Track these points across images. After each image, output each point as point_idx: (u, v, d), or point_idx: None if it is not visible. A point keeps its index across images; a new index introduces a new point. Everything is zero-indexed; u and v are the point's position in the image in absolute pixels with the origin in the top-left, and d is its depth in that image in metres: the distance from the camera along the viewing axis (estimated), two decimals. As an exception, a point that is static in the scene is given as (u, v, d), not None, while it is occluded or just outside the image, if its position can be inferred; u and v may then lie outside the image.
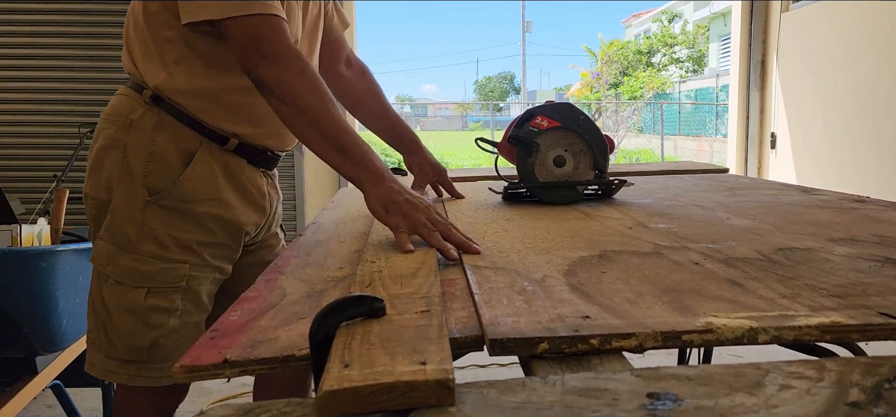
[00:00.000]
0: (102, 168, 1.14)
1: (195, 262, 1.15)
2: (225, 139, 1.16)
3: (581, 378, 0.40)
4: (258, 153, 1.22)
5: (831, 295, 0.59)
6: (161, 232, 1.12)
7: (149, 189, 1.11)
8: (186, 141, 1.13)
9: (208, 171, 1.15)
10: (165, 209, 1.12)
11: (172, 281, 1.14)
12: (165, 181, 1.12)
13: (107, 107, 1.18)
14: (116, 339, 1.14)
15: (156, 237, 1.12)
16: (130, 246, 1.12)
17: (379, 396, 0.37)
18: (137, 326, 1.12)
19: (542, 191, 1.28)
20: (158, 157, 1.11)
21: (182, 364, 0.49)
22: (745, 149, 4.25)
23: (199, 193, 1.14)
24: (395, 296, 0.61)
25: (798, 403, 0.36)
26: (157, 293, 1.13)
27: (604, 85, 19.70)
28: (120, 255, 1.12)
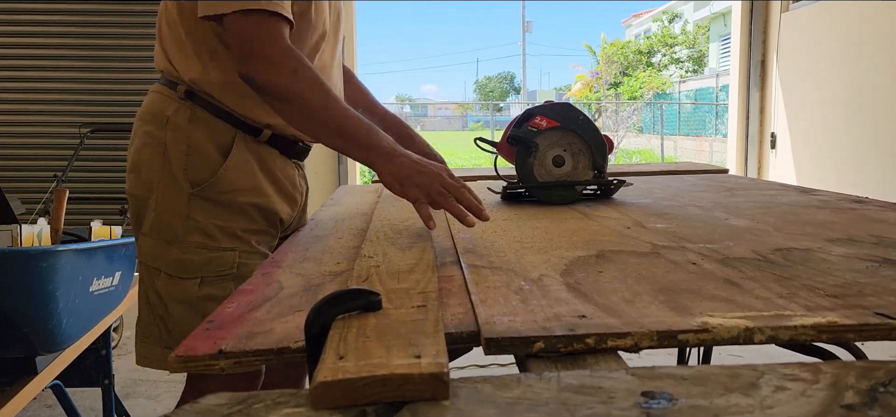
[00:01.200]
0: (142, 166, 1.16)
1: (243, 249, 1.17)
2: (258, 130, 1.18)
3: (576, 376, 0.40)
4: (290, 144, 1.24)
5: (828, 295, 0.59)
6: (206, 222, 1.14)
7: (191, 182, 1.13)
8: (221, 133, 1.15)
9: (245, 162, 1.17)
10: (209, 200, 1.14)
11: (224, 269, 1.15)
12: (206, 173, 1.14)
13: (141, 108, 1.20)
14: (174, 329, 1.15)
15: (202, 228, 1.14)
16: (178, 239, 1.14)
17: (373, 388, 0.37)
18: (194, 316, 1.13)
19: (540, 191, 1.28)
20: (197, 151, 1.14)
21: (177, 355, 0.49)
22: (744, 149, 4.25)
23: (238, 183, 1.16)
24: (391, 291, 0.61)
25: (793, 404, 0.36)
26: (210, 282, 1.15)
27: (604, 85, 19.70)
28: (169, 249, 1.14)
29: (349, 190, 1.78)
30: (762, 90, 4.14)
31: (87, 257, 1.69)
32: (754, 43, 4.12)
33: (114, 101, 3.92)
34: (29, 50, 3.87)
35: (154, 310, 1.18)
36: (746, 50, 4.16)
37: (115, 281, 1.78)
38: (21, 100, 3.94)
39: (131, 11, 3.86)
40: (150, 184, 1.15)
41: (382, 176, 1.03)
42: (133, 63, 3.92)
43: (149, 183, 1.16)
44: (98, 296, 1.73)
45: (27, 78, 3.90)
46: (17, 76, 3.90)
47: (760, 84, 4.13)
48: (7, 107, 3.92)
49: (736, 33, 4.22)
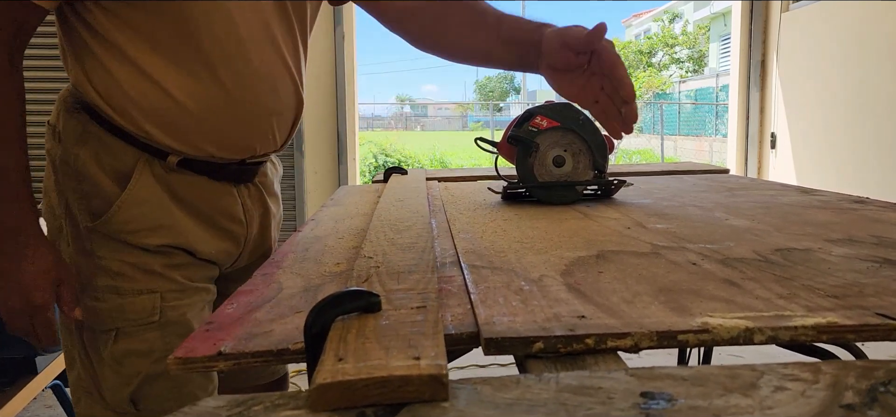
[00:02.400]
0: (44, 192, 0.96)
1: (169, 289, 0.94)
2: (164, 153, 0.92)
3: (576, 377, 0.40)
4: (219, 166, 0.97)
5: (828, 296, 0.59)
6: (113, 260, 0.91)
7: (89, 213, 0.91)
8: (119, 157, 0.91)
9: (151, 194, 0.92)
10: (108, 237, 0.91)
11: (142, 317, 0.92)
12: (102, 204, 0.91)
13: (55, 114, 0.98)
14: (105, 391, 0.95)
15: (109, 268, 0.91)
16: (87, 282, 0.92)
17: (372, 390, 0.37)
18: (115, 376, 0.92)
19: (541, 191, 1.28)
20: (86, 178, 0.90)
21: (176, 357, 0.49)
22: (745, 149, 4.25)
23: (141, 221, 0.92)
24: (391, 292, 0.61)
25: (793, 405, 0.36)
26: (127, 335, 0.92)
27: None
28: (82, 295, 0.92)
29: (349, 190, 1.78)
30: (762, 90, 4.14)
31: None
32: (754, 43, 4.12)
33: (114, 101, 3.91)
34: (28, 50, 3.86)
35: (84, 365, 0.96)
36: (746, 50, 4.16)
37: (114, 281, 1.78)
38: (21, 100, 3.93)
39: (131, 11, 3.85)
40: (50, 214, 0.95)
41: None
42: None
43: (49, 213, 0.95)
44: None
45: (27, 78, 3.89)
46: (17, 76, 3.89)
47: (760, 84, 4.13)
48: (7, 108, 3.91)
49: (736, 33, 4.22)
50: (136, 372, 0.92)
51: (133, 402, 0.94)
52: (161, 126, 0.90)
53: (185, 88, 0.89)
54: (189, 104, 0.90)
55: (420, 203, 1.27)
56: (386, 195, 1.42)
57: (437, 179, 1.82)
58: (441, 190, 1.59)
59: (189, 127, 0.91)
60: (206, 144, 0.94)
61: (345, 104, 3.95)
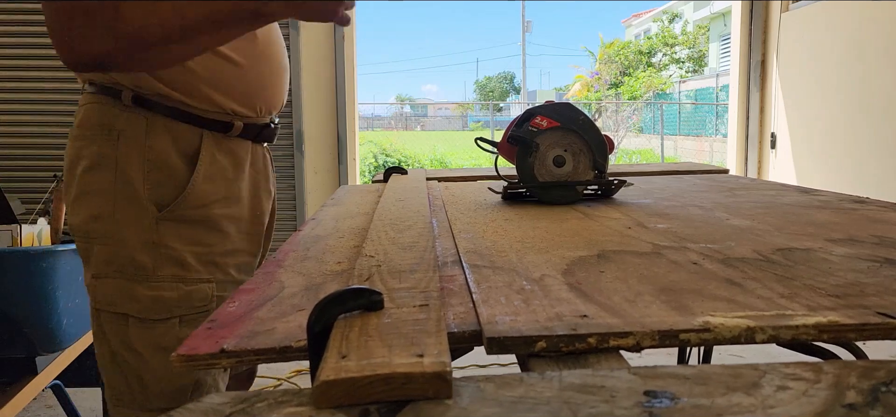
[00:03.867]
0: (92, 193, 0.98)
1: (221, 279, 1.03)
2: (228, 124, 1.03)
3: (579, 375, 0.40)
4: (261, 128, 1.10)
5: (829, 295, 0.59)
6: (181, 249, 0.99)
7: (157, 204, 0.98)
8: (186, 139, 0.99)
9: (217, 167, 1.03)
10: (180, 222, 0.99)
11: (201, 305, 1.00)
12: (174, 189, 0.98)
13: (77, 122, 1.02)
14: (155, 385, 0.99)
15: (176, 257, 0.98)
16: (147, 274, 0.97)
17: (376, 387, 0.37)
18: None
19: (541, 191, 1.28)
20: (159, 165, 0.98)
21: (178, 354, 0.49)
22: (745, 150, 4.25)
23: (211, 194, 1.02)
24: (393, 290, 0.61)
25: (795, 404, 0.36)
26: (189, 321, 0.99)
27: (604, 85, 19.71)
28: (136, 288, 0.97)
29: (350, 189, 1.78)
30: (762, 90, 4.14)
31: (87, 257, 1.69)
32: (754, 43, 4.13)
33: (114, 101, 3.91)
34: (29, 50, 3.87)
35: (122, 368, 1.00)
36: (746, 50, 4.17)
37: (115, 280, 1.78)
38: (21, 100, 3.94)
39: (131, 11, 3.85)
40: (103, 213, 0.97)
41: (281, 11, 0.84)
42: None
43: (101, 212, 0.98)
44: (98, 296, 1.73)
45: (27, 78, 3.90)
46: (17, 76, 3.90)
47: (760, 84, 4.14)
48: (7, 107, 3.92)
49: (736, 33, 4.22)
50: None
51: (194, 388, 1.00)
52: (225, 90, 1.02)
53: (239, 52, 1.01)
54: (244, 64, 1.03)
55: (421, 202, 1.27)
56: (386, 195, 1.43)
57: (437, 179, 1.82)
58: (441, 190, 1.59)
59: (245, 85, 1.04)
60: (256, 100, 1.07)
61: (345, 104, 3.95)
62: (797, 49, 3.85)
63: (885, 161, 3.21)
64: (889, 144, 3.18)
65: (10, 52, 3.86)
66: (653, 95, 17.45)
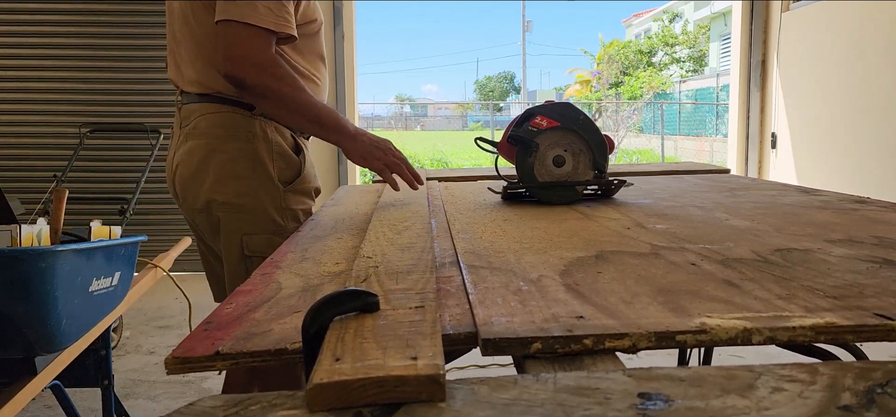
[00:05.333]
0: (237, 176, 1.37)
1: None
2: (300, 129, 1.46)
3: (573, 377, 0.40)
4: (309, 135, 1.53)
5: (827, 296, 0.59)
6: (296, 208, 1.42)
7: (283, 181, 1.40)
8: (288, 137, 1.42)
9: (308, 157, 1.47)
10: (295, 192, 1.42)
11: None
12: (292, 171, 1.41)
13: (217, 124, 1.38)
14: None
15: (294, 214, 1.41)
16: (280, 228, 1.38)
17: (369, 390, 0.37)
18: None
19: (541, 191, 1.28)
20: (281, 156, 1.40)
21: (174, 356, 0.49)
22: (745, 149, 4.25)
23: (310, 173, 1.46)
24: (389, 292, 0.61)
25: (790, 406, 0.36)
26: None
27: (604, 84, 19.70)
28: (275, 239, 1.34)
29: (349, 190, 1.77)
30: (762, 90, 4.14)
31: (86, 257, 1.69)
32: (754, 43, 4.12)
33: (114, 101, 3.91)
34: (29, 50, 3.86)
35: None
36: (747, 50, 4.16)
37: (114, 281, 1.78)
38: (21, 100, 3.94)
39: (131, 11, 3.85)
40: (247, 190, 1.36)
41: (349, 153, 1.35)
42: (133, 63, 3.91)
43: (246, 190, 1.36)
44: (97, 297, 1.73)
45: (27, 78, 3.89)
46: (17, 76, 3.90)
47: (761, 84, 4.13)
48: (7, 107, 3.92)
49: (736, 33, 4.22)
50: None
51: None
52: None
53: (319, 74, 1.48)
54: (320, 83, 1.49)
55: (420, 203, 1.27)
56: (386, 195, 1.42)
57: (437, 179, 1.82)
58: (441, 190, 1.59)
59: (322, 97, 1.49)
60: None
61: (345, 104, 3.95)
62: (797, 49, 3.85)
63: (885, 161, 3.21)
64: (889, 144, 3.17)
65: (10, 51, 3.86)
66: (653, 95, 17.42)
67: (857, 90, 3.39)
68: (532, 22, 43.54)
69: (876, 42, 3.25)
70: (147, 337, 3.08)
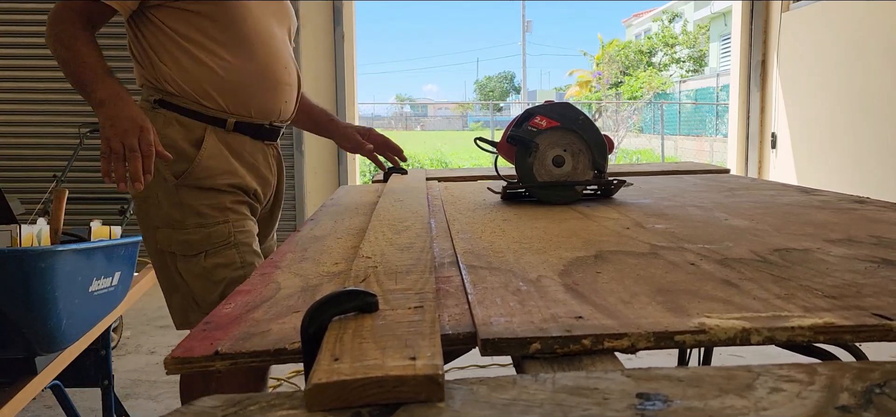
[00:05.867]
0: None
1: (236, 218, 1.38)
2: (223, 121, 1.38)
3: (572, 377, 0.40)
4: (257, 128, 1.43)
5: (826, 296, 0.59)
6: (198, 204, 1.35)
7: (174, 174, 1.34)
8: (193, 130, 1.36)
9: (217, 151, 1.38)
10: (195, 188, 1.35)
11: (222, 240, 1.36)
12: (184, 165, 1.34)
13: None
14: (202, 302, 1.36)
15: (195, 210, 1.35)
16: (179, 224, 1.36)
17: (368, 390, 0.37)
18: (210, 285, 1.36)
19: (540, 191, 1.28)
20: (172, 148, 1.32)
21: (173, 356, 0.49)
22: (745, 149, 4.25)
23: (213, 169, 1.37)
24: (388, 292, 0.61)
25: (788, 406, 0.36)
26: (214, 253, 1.36)
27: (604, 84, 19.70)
28: (174, 234, 1.36)
29: (349, 190, 1.78)
30: (762, 90, 4.14)
31: (86, 257, 1.69)
32: (754, 43, 4.12)
33: (114, 101, 3.91)
34: (29, 50, 3.86)
35: (180, 290, 1.38)
36: (747, 50, 4.16)
37: (114, 281, 1.78)
38: (21, 100, 3.94)
39: (131, 11, 3.85)
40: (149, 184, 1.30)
41: (100, 122, 1.24)
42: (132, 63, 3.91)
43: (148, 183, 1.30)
44: (97, 297, 1.73)
45: (27, 78, 3.89)
46: (17, 76, 3.90)
47: (761, 84, 4.13)
48: (7, 107, 3.92)
49: (736, 33, 4.22)
50: (222, 279, 1.36)
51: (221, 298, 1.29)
52: (225, 94, 1.38)
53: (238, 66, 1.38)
54: (242, 75, 1.38)
55: (419, 203, 1.27)
56: (385, 195, 1.42)
57: (437, 179, 1.82)
58: (441, 190, 1.59)
59: (242, 93, 1.39)
60: (250, 107, 1.41)
61: (345, 104, 3.95)
62: (797, 49, 3.85)
63: (885, 161, 3.21)
64: (889, 144, 3.17)
65: (10, 52, 3.86)
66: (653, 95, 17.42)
67: (857, 90, 3.39)
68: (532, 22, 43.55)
69: (876, 42, 3.25)
70: (147, 337, 3.08)
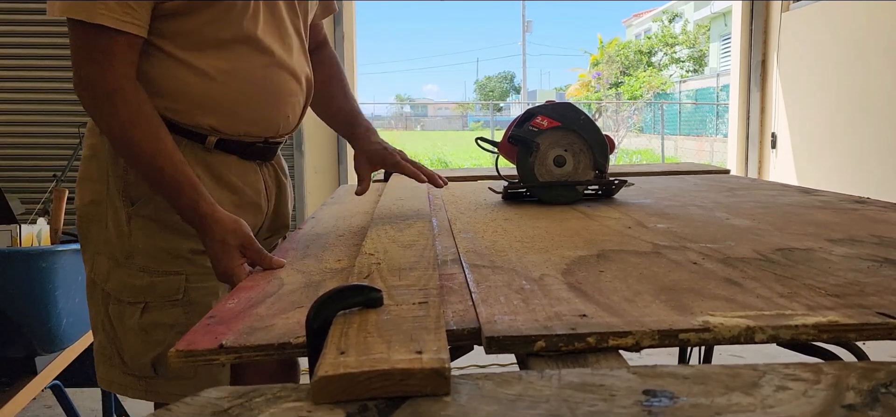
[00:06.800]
0: (87, 179, 1.07)
1: (193, 272, 1.05)
2: (202, 136, 1.05)
3: (578, 374, 0.40)
4: (247, 145, 1.10)
5: (829, 295, 0.59)
6: (148, 244, 1.03)
7: (129, 199, 1.03)
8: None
9: None
10: (150, 220, 1.03)
11: (168, 295, 1.04)
12: (143, 189, 1.02)
13: None
14: (129, 359, 1.06)
15: (143, 250, 1.03)
16: (122, 260, 1.04)
17: (374, 382, 0.37)
18: (141, 343, 1.05)
19: (541, 191, 1.28)
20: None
21: (177, 350, 0.49)
22: (745, 149, 4.25)
23: None
24: (392, 288, 0.61)
25: (794, 404, 0.36)
26: (154, 308, 1.04)
27: (604, 84, 19.71)
28: (115, 271, 1.05)
29: (350, 189, 1.78)
30: (762, 90, 4.14)
31: (87, 256, 1.69)
32: (755, 43, 4.12)
33: (114, 101, 3.91)
34: (29, 50, 3.87)
35: (107, 335, 1.08)
36: (747, 50, 4.16)
37: (115, 280, 1.78)
38: (21, 100, 3.94)
39: (132, 11, 3.85)
40: (95, 199, 1.05)
41: (209, 239, 0.94)
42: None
43: (95, 197, 1.05)
44: (98, 296, 1.72)
45: (27, 78, 3.90)
46: (17, 76, 3.90)
47: (761, 84, 4.13)
48: (7, 107, 3.92)
49: (736, 33, 4.22)
50: (161, 341, 1.04)
51: (153, 366, 1.06)
52: (207, 109, 1.04)
53: (227, 75, 1.03)
54: (231, 88, 1.04)
55: (421, 202, 1.27)
56: (386, 194, 1.42)
57: (437, 179, 1.82)
58: (442, 189, 1.59)
59: (230, 108, 1.05)
60: (241, 123, 1.07)
61: (345, 104, 3.94)
62: (797, 49, 3.85)
63: (885, 161, 3.21)
64: (889, 144, 3.17)
65: (10, 51, 3.86)
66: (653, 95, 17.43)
67: (857, 90, 3.39)
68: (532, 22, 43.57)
69: (876, 42, 3.25)
70: (147, 336, 3.07)
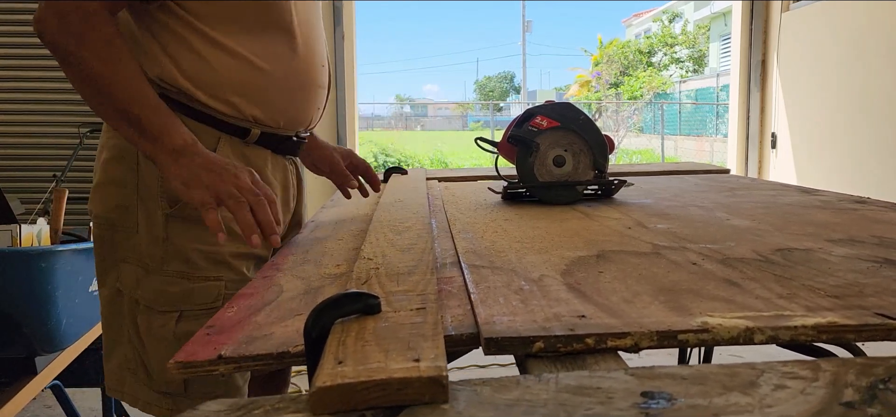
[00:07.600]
0: (111, 183, 1.02)
1: (233, 278, 1.01)
2: (245, 131, 1.02)
3: (575, 377, 0.40)
4: (282, 140, 1.08)
5: (829, 296, 0.59)
6: (187, 247, 0.98)
7: (168, 200, 0.98)
8: (202, 139, 0.95)
9: None
10: (190, 221, 0.98)
11: (207, 302, 0.99)
12: None
13: None
14: (155, 374, 1.01)
15: (182, 254, 0.98)
16: (157, 266, 0.99)
17: (372, 392, 0.37)
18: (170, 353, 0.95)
19: (541, 191, 1.28)
20: None
21: (176, 361, 0.49)
22: (745, 149, 4.25)
23: None
24: (391, 293, 0.61)
25: (792, 403, 0.36)
26: (190, 317, 0.98)
27: (604, 84, 19.71)
28: (147, 278, 0.99)
29: (349, 190, 1.77)
30: (762, 90, 4.14)
31: (86, 257, 1.69)
32: (754, 43, 4.12)
33: (114, 102, 3.91)
34: (29, 50, 3.87)
35: (134, 348, 1.02)
36: (747, 50, 4.16)
37: (115, 281, 1.78)
38: (21, 100, 3.94)
39: (131, 12, 3.85)
40: (122, 203, 1.00)
41: (167, 176, 0.89)
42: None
43: (121, 202, 1.00)
44: (97, 297, 1.73)
45: (27, 78, 3.90)
46: (17, 76, 3.90)
47: (761, 84, 4.13)
48: (7, 107, 3.92)
49: (736, 33, 4.22)
50: None
51: (184, 383, 1.00)
52: (248, 96, 1.01)
53: (271, 59, 1.01)
54: (274, 72, 1.02)
55: (420, 203, 1.27)
56: (386, 195, 1.42)
57: (437, 179, 1.82)
58: (441, 190, 1.59)
59: (271, 95, 1.03)
60: (279, 114, 1.05)
61: (345, 104, 3.95)
62: (797, 49, 3.85)
63: (885, 161, 3.21)
64: (889, 144, 3.17)
65: (10, 51, 3.86)
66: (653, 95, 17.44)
67: (857, 90, 3.39)
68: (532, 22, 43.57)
69: (876, 42, 3.25)
70: (147, 337, 3.07)
